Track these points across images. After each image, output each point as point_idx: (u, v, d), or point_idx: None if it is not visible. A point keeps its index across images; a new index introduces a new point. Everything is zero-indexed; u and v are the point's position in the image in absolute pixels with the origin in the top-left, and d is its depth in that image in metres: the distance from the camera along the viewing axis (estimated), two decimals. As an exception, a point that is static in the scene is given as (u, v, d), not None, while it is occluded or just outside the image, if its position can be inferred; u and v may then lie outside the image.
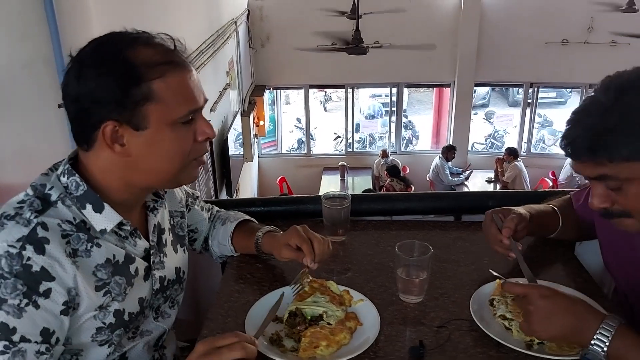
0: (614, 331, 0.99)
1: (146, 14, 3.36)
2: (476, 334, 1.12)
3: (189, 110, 1.00)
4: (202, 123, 1.04)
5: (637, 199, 1.00)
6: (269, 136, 10.01)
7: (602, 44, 8.26)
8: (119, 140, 0.97)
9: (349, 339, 1.12)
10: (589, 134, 0.98)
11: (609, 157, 0.97)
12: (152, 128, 0.97)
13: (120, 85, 0.94)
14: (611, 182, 1.00)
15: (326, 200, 1.51)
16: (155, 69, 0.96)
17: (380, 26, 8.19)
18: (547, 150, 11.24)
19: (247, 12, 8.47)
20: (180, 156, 1.02)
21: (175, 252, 1.24)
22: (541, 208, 1.40)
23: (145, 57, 0.96)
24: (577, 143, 1.01)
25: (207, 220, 1.44)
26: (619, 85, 0.98)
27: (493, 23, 8.61)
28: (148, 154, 1.00)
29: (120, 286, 1.04)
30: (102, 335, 1.03)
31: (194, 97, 1.01)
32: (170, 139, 1.00)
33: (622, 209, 1.03)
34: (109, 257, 1.03)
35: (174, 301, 1.24)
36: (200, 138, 1.04)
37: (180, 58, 1.01)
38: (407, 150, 10.56)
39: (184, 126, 1.00)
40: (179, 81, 0.99)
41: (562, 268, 1.43)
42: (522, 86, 9.47)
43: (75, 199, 1.00)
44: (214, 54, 5.47)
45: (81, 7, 2.08)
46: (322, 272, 1.30)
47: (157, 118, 0.97)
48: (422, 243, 1.25)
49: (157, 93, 0.96)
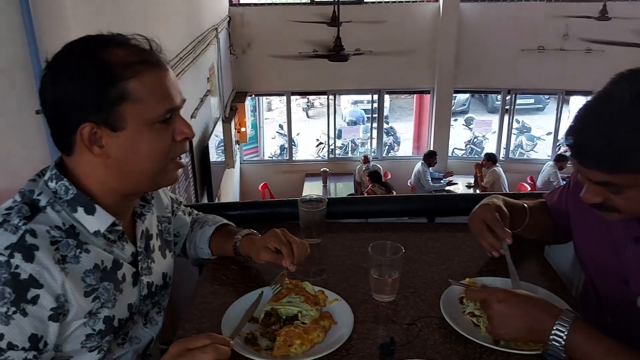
0: (570, 325, 1.02)
1: (125, 21, 3.37)
2: (445, 331, 1.15)
3: (165, 109, 1.00)
4: (180, 122, 1.04)
5: (631, 201, 1.02)
6: (250, 142, 10.02)
7: (577, 51, 8.44)
8: (98, 142, 0.97)
9: (323, 337, 1.14)
10: (601, 143, 0.96)
11: (616, 168, 0.97)
12: (130, 128, 0.97)
13: (95, 86, 0.94)
14: (612, 188, 1.02)
15: (302, 203, 1.54)
16: (130, 68, 0.96)
17: (360, 34, 8.27)
18: (525, 155, 11.43)
19: (228, 18, 8.49)
20: (158, 156, 1.02)
21: (163, 258, 1.25)
22: (514, 202, 1.44)
23: (119, 57, 0.96)
24: (585, 148, 0.99)
25: (188, 225, 1.45)
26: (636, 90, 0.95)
27: (471, 31, 8.75)
28: (127, 154, 0.99)
29: (108, 292, 1.04)
30: (91, 341, 1.03)
31: (170, 96, 1.01)
32: (148, 139, 0.99)
33: (614, 206, 1.05)
34: (97, 262, 1.02)
35: (160, 306, 1.25)
36: (179, 138, 1.04)
37: (155, 57, 1.01)
38: (388, 156, 10.65)
39: (161, 126, 1.00)
40: (154, 80, 0.99)
41: (532, 268, 1.47)
42: (500, 93, 9.62)
43: (66, 203, 1.00)
44: (195, 60, 5.48)
45: (58, 13, 2.09)
46: (297, 273, 1.32)
47: (134, 118, 0.97)
48: (393, 243, 1.29)
49: (133, 92, 0.96)
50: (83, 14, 2.48)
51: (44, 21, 1.95)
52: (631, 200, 1.02)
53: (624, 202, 1.03)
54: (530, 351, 1.09)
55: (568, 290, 1.36)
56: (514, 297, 1.10)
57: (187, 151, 1.10)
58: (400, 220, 1.75)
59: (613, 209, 1.06)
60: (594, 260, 1.30)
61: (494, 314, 1.09)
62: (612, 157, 0.96)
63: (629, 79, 0.98)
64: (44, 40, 1.94)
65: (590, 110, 1.00)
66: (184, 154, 1.12)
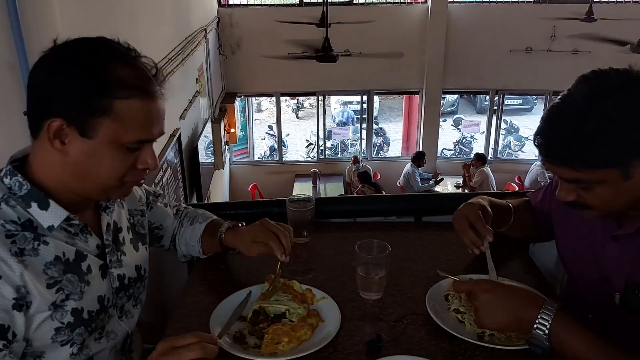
0: (553, 315, 1.04)
1: (113, 21, 3.35)
2: (430, 327, 1.17)
3: (138, 139, 1.01)
4: (146, 153, 1.05)
5: (601, 198, 1.06)
6: (240, 143, 10.01)
7: (565, 52, 8.52)
8: (62, 137, 0.98)
9: (310, 334, 1.16)
10: (565, 141, 1.01)
11: (582, 164, 1.01)
12: (97, 140, 0.98)
13: (85, 90, 0.96)
14: (582, 185, 1.06)
15: (291, 203, 1.55)
16: (125, 89, 0.97)
17: (350, 35, 8.29)
18: (513, 155, 11.51)
19: (217, 19, 8.47)
20: (114, 175, 1.03)
21: (136, 251, 1.25)
22: (499, 202, 1.46)
23: (121, 75, 0.98)
24: (552, 147, 1.05)
25: (173, 217, 1.45)
26: (597, 90, 1.00)
27: (460, 32, 8.80)
28: (85, 161, 1.00)
29: (73, 284, 1.04)
30: (62, 335, 1.04)
31: (149, 128, 1.02)
32: (111, 157, 1.01)
33: (585, 202, 1.09)
34: (58, 254, 1.03)
35: (137, 299, 1.25)
36: (141, 166, 1.05)
37: (153, 87, 1.02)
38: (378, 157, 10.67)
39: (128, 151, 1.02)
40: (141, 108, 1.00)
41: (517, 266, 1.49)
42: (489, 93, 9.69)
43: (20, 198, 1.00)
44: (184, 61, 5.47)
45: (46, 13, 2.08)
46: (285, 272, 1.33)
47: (106, 133, 0.98)
48: (380, 242, 1.30)
49: (115, 111, 0.97)
50: (71, 15, 2.47)
51: (32, 22, 1.95)
52: (601, 197, 1.06)
53: (595, 198, 1.07)
54: (513, 346, 1.11)
55: (552, 288, 1.39)
56: (499, 287, 1.12)
57: (145, 179, 1.12)
58: (388, 220, 1.77)
59: (586, 206, 1.10)
60: (575, 258, 1.33)
61: (479, 305, 1.11)
62: (576, 154, 1.01)
63: (588, 79, 1.03)
64: (31, 41, 1.93)
65: (554, 111, 1.05)
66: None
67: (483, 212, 1.35)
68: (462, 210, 1.37)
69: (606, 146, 0.99)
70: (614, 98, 0.99)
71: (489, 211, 1.37)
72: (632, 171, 1.01)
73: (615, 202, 1.07)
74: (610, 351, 1.02)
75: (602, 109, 0.98)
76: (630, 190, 1.04)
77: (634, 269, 1.13)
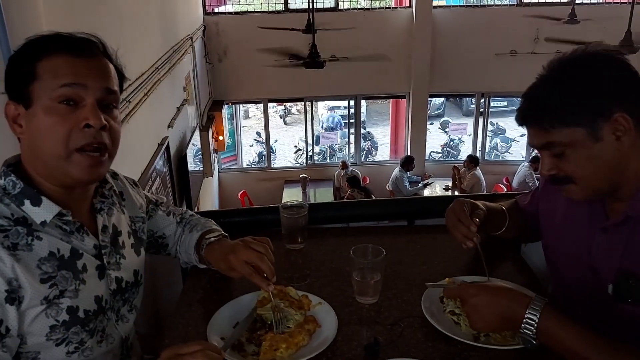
0: (540, 312, 1.07)
1: (100, 30, 3.32)
2: (427, 330, 1.18)
3: (61, 84, 1.00)
4: (88, 110, 1.01)
5: (576, 164, 1.12)
6: (228, 151, 9.98)
7: (548, 54, 8.55)
8: (19, 121, 1.02)
9: (308, 340, 1.16)
10: (534, 102, 1.15)
11: (549, 122, 1.11)
12: (35, 105, 1.00)
13: (16, 63, 1.02)
14: (555, 149, 1.13)
15: (284, 209, 1.56)
16: (47, 51, 1.01)
17: (335, 40, 8.32)
18: (500, 157, 11.59)
19: (203, 27, 8.47)
20: (56, 137, 1.00)
21: (137, 255, 1.26)
22: (493, 206, 1.49)
23: (47, 41, 1.03)
24: (524, 111, 1.17)
25: (176, 225, 1.45)
26: (561, 61, 1.15)
27: (445, 36, 8.88)
28: (32, 131, 1.02)
29: (67, 280, 1.05)
30: (56, 333, 1.04)
31: (70, 74, 1.01)
32: (46, 117, 1.00)
33: (566, 174, 1.15)
34: (52, 250, 1.03)
35: (132, 305, 1.25)
36: (81, 124, 1.01)
37: (81, 46, 1.04)
38: (366, 161, 10.71)
39: (65, 108, 1.00)
40: (64, 62, 1.01)
41: (509, 266, 1.52)
42: (475, 96, 9.77)
43: (14, 197, 1.02)
44: (171, 70, 5.46)
45: (32, 23, 2.07)
46: (281, 279, 1.34)
47: (39, 95, 1.00)
48: (375, 246, 1.31)
49: (40, 72, 1.00)
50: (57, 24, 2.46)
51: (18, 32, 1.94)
52: (576, 163, 1.12)
53: (572, 166, 1.13)
54: (509, 346, 1.13)
55: (544, 286, 1.41)
56: (485, 291, 1.15)
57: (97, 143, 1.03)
58: (381, 224, 1.78)
59: (567, 179, 1.15)
60: (564, 255, 1.35)
61: (468, 309, 1.15)
62: (543, 113, 1.12)
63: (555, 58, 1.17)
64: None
65: (529, 87, 1.19)
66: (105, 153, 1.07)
67: (473, 207, 1.38)
68: (451, 208, 1.40)
69: (568, 103, 1.10)
70: (576, 64, 1.13)
71: (480, 207, 1.39)
72: (599, 133, 1.09)
73: (591, 170, 1.12)
74: (599, 342, 1.04)
75: (565, 73, 1.12)
76: (603, 156, 1.10)
77: (623, 258, 1.16)
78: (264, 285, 1.21)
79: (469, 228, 1.33)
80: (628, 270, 1.15)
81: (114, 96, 1.08)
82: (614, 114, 1.07)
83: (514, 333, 1.13)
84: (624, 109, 1.08)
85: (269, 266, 1.22)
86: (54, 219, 1.04)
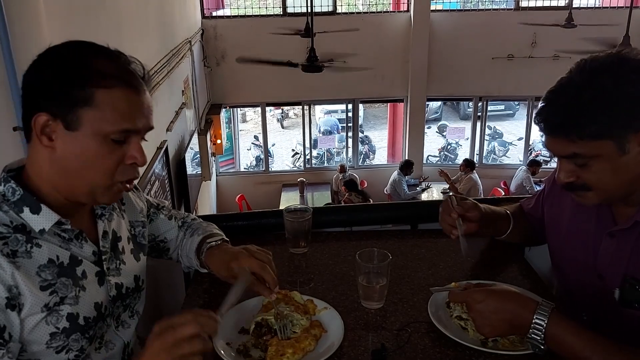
0: (548, 317, 1.06)
1: (101, 34, 3.34)
2: (434, 335, 1.18)
3: (122, 128, 1.00)
4: (134, 147, 1.03)
5: (599, 175, 1.09)
6: (226, 154, 9.97)
7: (546, 58, 8.66)
8: (49, 134, 0.99)
9: (314, 345, 1.15)
10: (563, 110, 1.07)
11: (578, 134, 1.05)
12: (82, 132, 0.98)
13: (67, 82, 0.97)
14: (579, 160, 1.09)
15: (288, 213, 1.55)
16: (105, 79, 0.98)
17: (333, 44, 8.33)
18: (498, 160, 11.62)
19: (201, 31, 8.47)
20: (102, 170, 1.02)
21: (137, 261, 1.25)
22: (497, 210, 1.49)
23: (103, 67, 0.99)
24: (551, 119, 1.10)
25: (177, 229, 1.44)
26: (593, 67, 1.07)
27: (442, 40, 8.90)
28: (72, 155, 1.00)
29: (67, 287, 1.04)
30: (57, 341, 1.03)
31: (132, 118, 1.01)
32: (97, 150, 1.00)
33: (584, 182, 1.12)
34: (51, 257, 1.02)
35: (133, 310, 1.24)
36: (128, 161, 1.03)
37: (135, 80, 1.03)
38: (364, 165, 10.72)
39: (115, 144, 1.01)
40: (123, 97, 1.00)
41: (513, 270, 1.51)
42: (472, 100, 9.80)
43: (13, 204, 1.01)
44: (169, 74, 5.46)
45: (34, 29, 2.07)
46: (285, 283, 1.33)
47: (90, 124, 0.98)
48: (380, 251, 1.31)
49: (97, 101, 0.98)
50: (59, 30, 2.46)
51: (20, 38, 1.93)
52: (599, 174, 1.09)
53: (594, 176, 1.10)
54: (517, 351, 1.12)
55: (548, 289, 1.41)
56: (491, 296, 1.14)
57: (136, 177, 1.08)
58: (384, 228, 1.78)
59: (585, 187, 1.13)
60: (569, 259, 1.35)
61: (475, 315, 1.14)
62: (573, 124, 1.06)
63: (585, 60, 1.10)
64: (20, 57, 1.92)
65: (553, 90, 1.11)
66: (135, 180, 1.10)
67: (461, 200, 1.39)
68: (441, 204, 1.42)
69: (602, 117, 1.04)
70: (610, 72, 1.05)
71: (468, 199, 1.41)
72: (628, 146, 1.05)
73: (612, 181, 1.10)
74: (606, 347, 1.03)
75: (598, 82, 1.04)
76: (627, 168, 1.07)
77: (630, 263, 1.16)
78: (266, 294, 1.21)
79: (450, 215, 1.34)
80: (634, 275, 1.15)
81: None
82: None
83: (522, 338, 1.12)
84: None
85: (271, 276, 1.21)
86: (53, 226, 1.03)
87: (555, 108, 1.09)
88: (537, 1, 8.95)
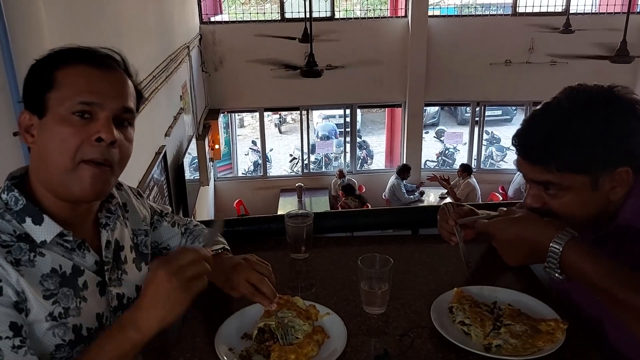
0: (566, 241, 1.05)
1: (100, 39, 3.34)
2: (437, 340, 1.17)
3: (80, 100, 0.98)
4: (101, 124, 1.00)
5: (567, 206, 1.11)
6: (224, 159, 9.97)
7: (543, 63, 8.70)
8: (31, 130, 1.01)
9: (317, 351, 1.15)
10: (547, 139, 1.07)
11: (557, 166, 1.06)
12: (49, 116, 0.99)
13: (34, 72, 1.01)
14: (550, 190, 1.10)
15: (289, 218, 1.55)
16: (66, 60, 1.00)
17: (331, 49, 8.37)
18: (495, 165, 11.65)
19: (200, 36, 8.49)
20: (67, 149, 0.98)
21: (139, 270, 1.24)
22: (494, 214, 1.48)
23: (65, 51, 1.02)
24: (531, 146, 1.10)
25: (180, 236, 1.43)
26: (584, 99, 1.07)
27: (440, 45, 8.94)
28: (43, 141, 1.00)
29: (68, 298, 1.03)
30: (61, 352, 1.02)
31: (92, 91, 0.99)
32: (59, 128, 0.98)
33: (550, 210, 1.13)
34: (54, 267, 1.02)
35: None
36: (93, 137, 0.99)
37: (100, 59, 1.03)
38: (362, 170, 10.72)
39: (79, 121, 0.99)
40: (82, 73, 1.00)
41: (515, 274, 1.51)
42: (470, 105, 9.83)
43: (16, 213, 1.00)
44: (168, 79, 5.46)
45: (35, 34, 2.07)
46: (287, 288, 1.33)
47: (53, 105, 0.99)
48: (382, 256, 1.30)
49: (57, 81, 0.99)
50: (59, 35, 2.46)
51: (21, 43, 1.94)
52: (567, 205, 1.11)
53: (561, 206, 1.11)
54: (521, 356, 1.12)
55: (549, 292, 1.40)
56: (513, 225, 1.14)
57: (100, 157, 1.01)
58: (385, 233, 1.78)
59: (551, 214, 1.13)
60: None
61: (497, 244, 1.16)
62: (554, 154, 1.06)
63: (574, 89, 1.10)
64: (21, 63, 1.92)
65: (538, 114, 1.12)
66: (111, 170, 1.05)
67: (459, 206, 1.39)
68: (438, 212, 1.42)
69: (583, 152, 1.05)
70: (598, 109, 1.06)
71: (464, 205, 1.41)
72: (600, 183, 1.07)
73: (578, 212, 1.11)
74: (627, 279, 1.01)
75: (585, 116, 1.05)
76: (594, 203, 1.09)
77: None
78: (266, 303, 1.20)
79: (447, 222, 1.34)
80: None
81: (129, 114, 1.06)
82: (619, 167, 1.07)
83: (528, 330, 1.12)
84: (630, 164, 1.07)
85: (270, 289, 1.20)
86: (55, 237, 1.03)
87: (539, 134, 1.10)
88: (534, 7, 9.00)
